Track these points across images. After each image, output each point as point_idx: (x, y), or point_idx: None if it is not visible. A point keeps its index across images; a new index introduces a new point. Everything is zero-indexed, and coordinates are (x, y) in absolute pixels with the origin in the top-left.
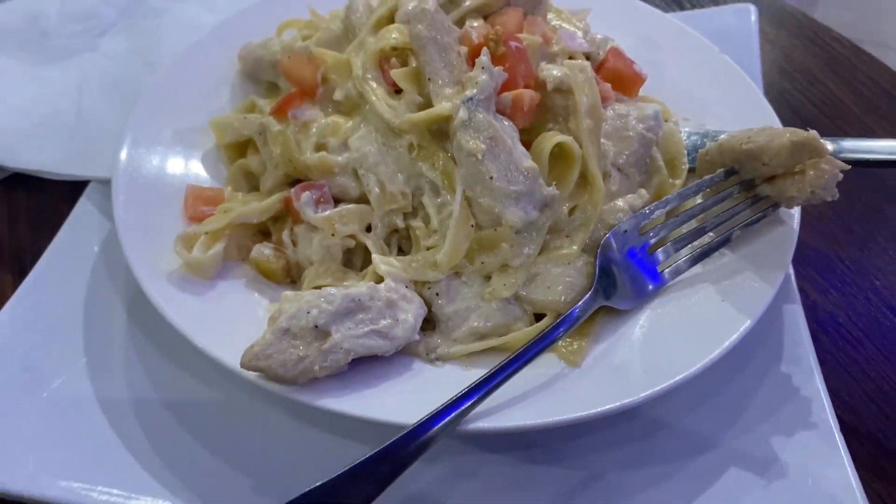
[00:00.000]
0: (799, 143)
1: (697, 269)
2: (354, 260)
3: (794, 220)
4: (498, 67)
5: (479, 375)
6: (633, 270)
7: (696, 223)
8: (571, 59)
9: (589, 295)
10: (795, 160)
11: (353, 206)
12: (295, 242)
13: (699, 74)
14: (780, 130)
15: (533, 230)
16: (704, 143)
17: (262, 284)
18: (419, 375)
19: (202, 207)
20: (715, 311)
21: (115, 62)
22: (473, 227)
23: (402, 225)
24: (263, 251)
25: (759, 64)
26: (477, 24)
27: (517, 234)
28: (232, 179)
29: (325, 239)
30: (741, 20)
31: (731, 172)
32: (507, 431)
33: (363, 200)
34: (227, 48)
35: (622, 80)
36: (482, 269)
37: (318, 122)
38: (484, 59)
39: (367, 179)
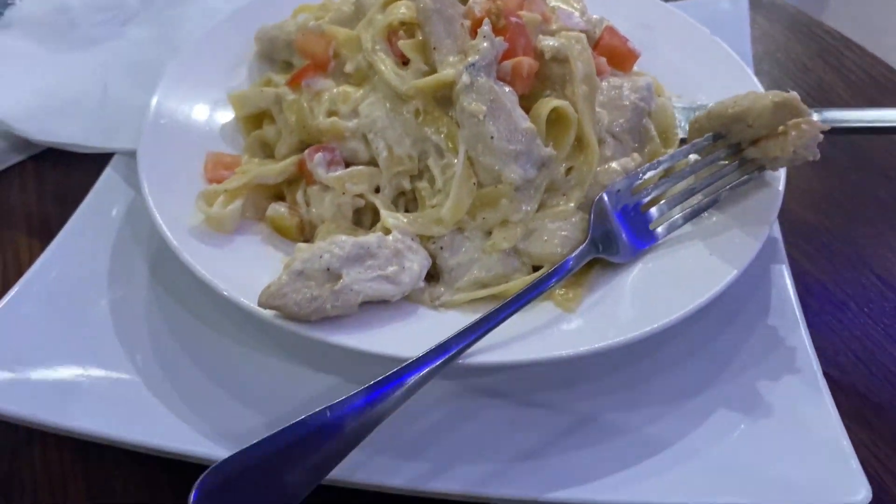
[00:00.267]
0: (780, 102)
1: (687, 227)
2: (364, 220)
3: (779, 181)
4: (499, 38)
5: None
6: (626, 227)
7: (686, 184)
8: None
9: (583, 246)
10: (778, 120)
11: (362, 167)
12: (308, 202)
13: (691, 55)
14: (763, 94)
15: (531, 188)
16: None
17: (277, 241)
18: (424, 319)
19: (221, 171)
20: (704, 263)
21: (138, 47)
22: (475, 184)
23: (408, 187)
24: (279, 209)
25: (749, 49)
26: (479, 0)
27: (516, 191)
28: (249, 148)
29: (336, 198)
30: (733, 7)
31: (718, 137)
32: (505, 365)
33: (372, 164)
34: (244, 31)
35: (617, 55)
36: (483, 224)
37: (330, 91)
38: (486, 28)
39: (375, 143)
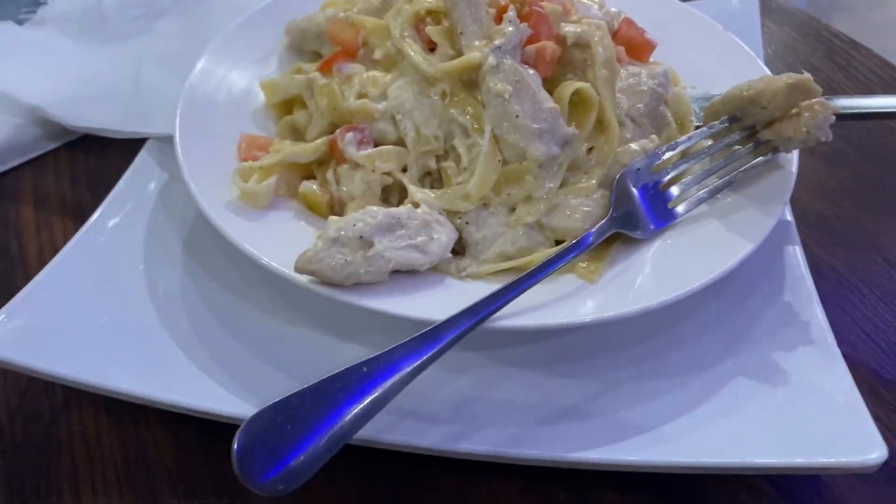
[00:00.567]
0: (794, 84)
1: (704, 206)
2: (391, 199)
3: (792, 163)
4: (523, 23)
5: None
6: (645, 204)
7: (702, 165)
8: None
9: (605, 220)
10: (792, 101)
11: (391, 147)
12: (338, 180)
13: (705, 49)
14: (776, 77)
15: (554, 165)
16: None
17: (308, 216)
18: (451, 288)
19: (254, 151)
20: (721, 238)
21: (169, 40)
22: (501, 161)
23: (434, 167)
24: (311, 186)
25: (761, 47)
26: None
27: (540, 168)
28: (280, 132)
29: (366, 175)
30: (744, 7)
31: (733, 119)
32: (532, 328)
33: (400, 144)
34: (273, 24)
35: (634, 45)
36: (508, 200)
37: (359, 75)
38: (511, 14)
39: (403, 124)
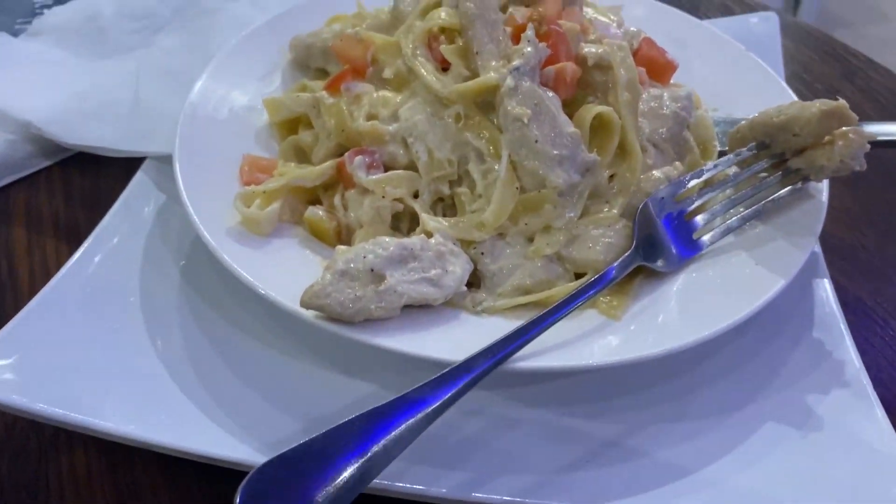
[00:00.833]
0: (829, 111)
1: (731, 237)
2: (401, 226)
3: (822, 193)
4: (542, 43)
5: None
6: (670, 235)
7: (729, 194)
8: None
9: (628, 254)
10: (825, 129)
11: (402, 171)
12: (346, 206)
13: (726, 70)
14: (809, 103)
15: (575, 193)
16: (733, 128)
17: (314, 244)
18: (466, 324)
19: (257, 174)
20: (750, 272)
21: (169, 55)
22: (518, 189)
23: (447, 192)
24: (317, 212)
25: (781, 66)
26: (518, 9)
27: (560, 196)
28: (284, 153)
29: (375, 201)
30: (764, 26)
31: (762, 146)
32: (554, 371)
33: (411, 168)
34: (277, 39)
35: (655, 66)
36: (526, 230)
37: (369, 94)
38: (529, 33)
39: (415, 147)
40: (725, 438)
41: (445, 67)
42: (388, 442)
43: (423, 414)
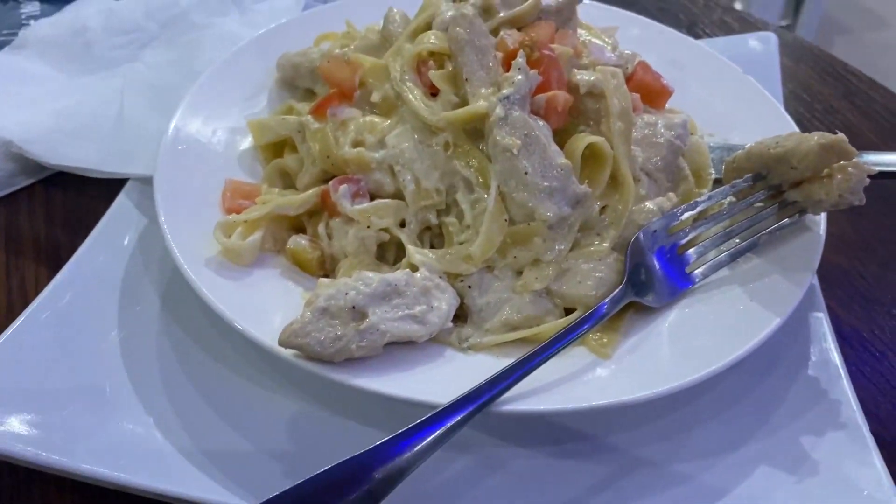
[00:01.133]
0: (827, 145)
1: (725, 271)
2: (387, 255)
3: (820, 226)
4: (533, 70)
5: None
6: (662, 269)
7: (724, 226)
8: None
9: (619, 289)
10: (824, 163)
11: (388, 200)
12: (330, 235)
13: (723, 93)
14: (807, 135)
15: (565, 226)
16: (729, 155)
17: (296, 275)
18: (452, 362)
19: (239, 200)
20: (744, 309)
21: (155, 71)
22: (507, 221)
23: (435, 222)
24: (300, 242)
25: (780, 88)
26: (511, 33)
27: (550, 229)
28: (268, 177)
29: (360, 231)
30: (763, 47)
31: (758, 178)
32: (539, 414)
33: (398, 196)
34: (265, 57)
35: (650, 92)
36: (514, 263)
37: (356, 120)
38: (520, 60)
39: (402, 175)
40: (717, 482)
41: (434, 93)
42: (368, 490)
43: (403, 459)
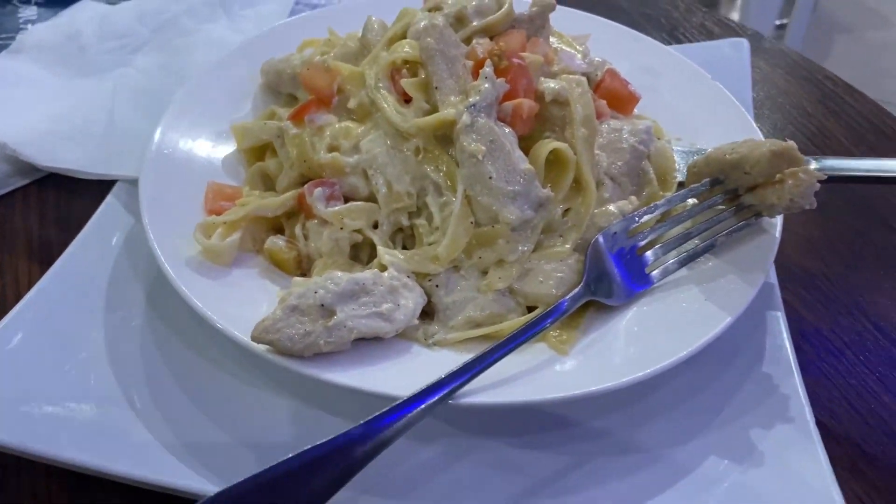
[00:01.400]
0: (778, 151)
1: (683, 271)
2: (361, 255)
3: (775, 228)
4: (500, 79)
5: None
6: (621, 269)
7: (682, 229)
8: None
9: (578, 288)
10: (775, 168)
11: (361, 203)
12: (306, 236)
13: (691, 99)
14: (761, 142)
15: (528, 228)
16: (694, 159)
17: (274, 274)
18: (417, 357)
19: (221, 202)
20: (699, 308)
21: (146, 75)
22: (472, 223)
23: (406, 223)
24: (277, 242)
25: (750, 94)
26: (483, 41)
27: (513, 231)
28: (250, 180)
29: (334, 233)
30: (735, 53)
31: (716, 182)
32: (498, 406)
33: (371, 200)
34: (250, 63)
35: (618, 98)
36: (479, 263)
37: (332, 126)
38: (487, 70)
39: (375, 179)
40: (667, 473)
41: (408, 100)
42: (331, 475)
43: (365, 448)
